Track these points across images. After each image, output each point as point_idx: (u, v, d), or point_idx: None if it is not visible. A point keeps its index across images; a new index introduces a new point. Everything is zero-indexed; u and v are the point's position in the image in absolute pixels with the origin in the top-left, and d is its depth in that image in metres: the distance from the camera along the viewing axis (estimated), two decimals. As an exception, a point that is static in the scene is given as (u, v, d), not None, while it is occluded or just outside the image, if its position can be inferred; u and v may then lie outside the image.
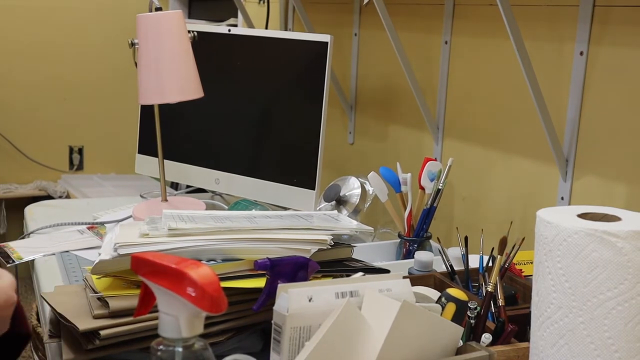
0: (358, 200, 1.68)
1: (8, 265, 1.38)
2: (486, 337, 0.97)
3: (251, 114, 1.78)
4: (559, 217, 0.82)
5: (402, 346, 0.81)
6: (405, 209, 1.52)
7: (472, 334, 0.99)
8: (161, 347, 0.66)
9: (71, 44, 3.60)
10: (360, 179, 1.72)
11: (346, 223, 1.18)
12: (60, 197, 3.49)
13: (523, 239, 1.16)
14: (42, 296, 1.09)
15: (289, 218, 1.18)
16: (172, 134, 1.86)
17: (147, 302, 0.69)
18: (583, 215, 0.83)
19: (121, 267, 1.01)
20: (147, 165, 1.92)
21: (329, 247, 1.09)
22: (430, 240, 1.53)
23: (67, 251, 1.50)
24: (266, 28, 2.43)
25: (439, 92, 1.78)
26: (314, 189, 1.64)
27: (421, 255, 1.29)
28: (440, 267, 1.30)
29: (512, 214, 1.56)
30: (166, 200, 1.70)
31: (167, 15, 1.53)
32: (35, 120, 3.53)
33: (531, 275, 1.00)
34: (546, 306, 0.82)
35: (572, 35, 1.38)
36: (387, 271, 1.12)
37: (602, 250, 0.77)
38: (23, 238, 1.63)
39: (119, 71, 3.61)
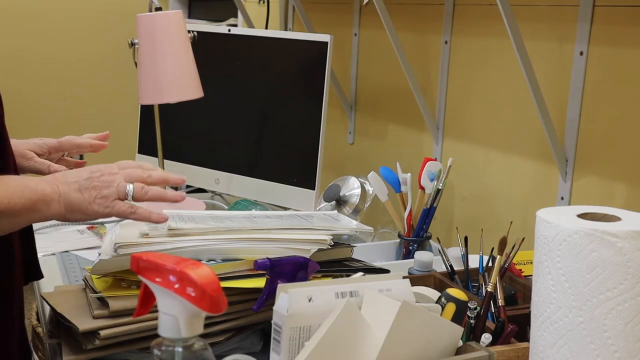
0: (358, 200, 1.68)
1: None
2: (486, 337, 0.97)
3: (251, 114, 1.78)
4: (558, 217, 0.82)
5: (402, 346, 0.81)
6: (405, 209, 1.52)
7: (472, 334, 0.99)
8: (161, 347, 0.66)
9: (71, 44, 3.60)
10: (360, 179, 1.72)
11: (346, 223, 1.18)
12: (60, 197, 3.48)
13: (523, 239, 1.16)
14: (42, 296, 1.09)
15: (289, 218, 1.18)
16: (172, 134, 1.86)
17: (147, 302, 0.69)
18: (583, 215, 0.83)
19: (121, 267, 1.01)
20: (147, 165, 1.91)
21: (329, 247, 1.09)
22: (430, 240, 1.53)
23: (67, 251, 1.50)
24: (266, 28, 2.43)
25: (439, 92, 1.78)
26: (313, 189, 1.64)
27: (421, 255, 1.29)
28: (440, 267, 1.30)
29: (512, 214, 1.56)
30: (166, 200, 1.70)
31: (167, 15, 1.53)
32: (34, 120, 3.53)
33: (531, 275, 1.00)
34: (546, 306, 0.82)
35: (572, 35, 1.38)
36: (387, 271, 1.12)
37: (602, 250, 0.77)
38: (23, 238, 1.63)
39: (119, 71, 3.61)
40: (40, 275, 1.18)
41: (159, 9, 1.58)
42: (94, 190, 0.99)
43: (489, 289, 1.05)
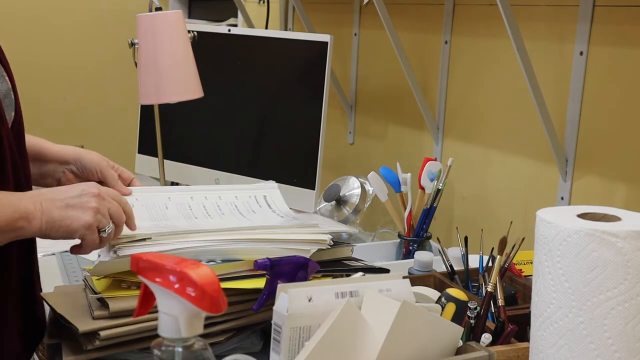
0: (358, 200, 1.68)
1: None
2: (486, 337, 0.97)
3: (251, 113, 1.78)
4: (559, 217, 0.82)
5: (402, 346, 0.81)
6: (405, 209, 1.52)
7: (472, 334, 0.99)
8: (161, 347, 0.66)
9: (71, 44, 3.60)
10: (360, 179, 1.72)
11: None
12: (60, 197, 3.48)
13: (523, 239, 1.16)
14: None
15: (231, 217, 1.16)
16: (172, 134, 1.86)
17: (147, 302, 0.69)
18: (583, 215, 0.83)
19: (121, 268, 1.01)
20: (147, 165, 1.92)
21: (329, 247, 1.09)
22: (430, 240, 1.53)
23: (67, 251, 1.49)
24: (266, 28, 2.43)
25: (439, 92, 1.78)
26: (314, 189, 1.64)
27: (421, 255, 1.29)
28: (440, 267, 1.30)
29: (512, 214, 1.55)
30: (166, 200, 1.70)
31: (167, 15, 1.53)
32: (34, 120, 3.53)
33: (531, 275, 1.00)
34: (546, 306, 0.82)
35: (572, 35, 1.38)
36: (387, 271, 1.12)
37: (602, 250, 0.77)
38: (23, 238, 1.62)
39: (119, 71, 3.61)
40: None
41: (159, 9, 1.58)
42: (81, 209, 0.95)
43: (489, 289, 1.05)
